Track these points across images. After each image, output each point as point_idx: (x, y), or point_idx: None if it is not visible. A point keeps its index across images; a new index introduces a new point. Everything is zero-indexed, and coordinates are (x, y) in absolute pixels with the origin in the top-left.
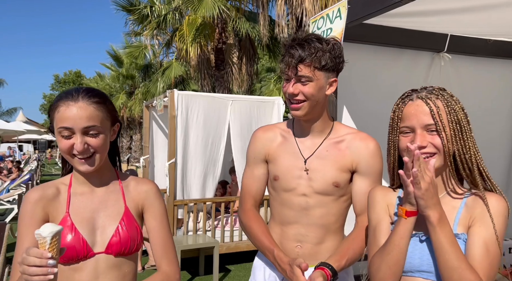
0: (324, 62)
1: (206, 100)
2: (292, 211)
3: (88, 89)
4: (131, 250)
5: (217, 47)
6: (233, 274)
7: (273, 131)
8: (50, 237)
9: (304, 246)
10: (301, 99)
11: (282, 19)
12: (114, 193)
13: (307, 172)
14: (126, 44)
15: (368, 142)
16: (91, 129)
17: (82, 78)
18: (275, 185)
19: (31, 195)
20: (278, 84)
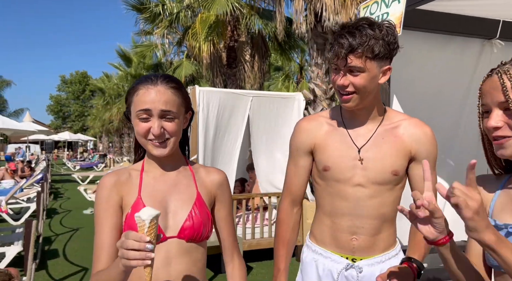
0: (377, 51)
1: (226, 96)
2: (345, 202)
3: (166, 75)
4: (202, 236)
5: (229, 45)
6: (256, 271)
7: (317, 120)
8: (149, 220)
9: (360, 238)
10: (351, 91)
11: (300, 14)
12: (186, 178)
13: (361, 161)
14: (134, 43)
15: (424, 128)
16: (168, 114)
17: (89, 79)
18: (325, 175)
19: (106, 180)
20: (286, 83)
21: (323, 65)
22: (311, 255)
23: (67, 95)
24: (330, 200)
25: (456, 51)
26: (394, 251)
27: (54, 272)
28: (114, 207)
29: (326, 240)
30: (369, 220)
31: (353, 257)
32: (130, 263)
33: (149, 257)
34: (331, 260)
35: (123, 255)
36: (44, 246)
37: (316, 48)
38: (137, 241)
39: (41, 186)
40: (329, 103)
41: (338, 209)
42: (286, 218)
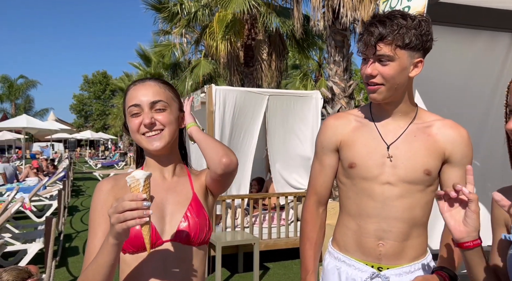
0: (408, 40)
1: (243, 95)
2: (372, 202)
3: (156, 77)
4: (200, 238)
5: (246, 44)
6: (273, 272)
7: (345, 117)
8: (143, 178)
9: (387, 244)
10: (379, 82)
11: (317, 11)
12: (182, 179)
13: (390, 159)
14: (154, 43)
15: (460, 130)
16: (158, 105)
17: (109, 79)
18: (351, 173)
19: (103, 185)
20: (304, 81)
21: (342, 62)
22: (333, 262)
23: (89, 94)
24: (356, 199)
25: (484, 46)
26: (425, 260)
27: (74, 269)
28: None
29: (350, 246)
30: (397, 223)
31: (379, 265)
32: (126, 223)
33: (146, 214)
34: (355, 268)
35: (118, 219)
36: (65, 243)
37: (335, 46)
38: (133, 200)
39: (62, 183)
40: (348, 101)
41: (364, 210)
42: (311, 218)
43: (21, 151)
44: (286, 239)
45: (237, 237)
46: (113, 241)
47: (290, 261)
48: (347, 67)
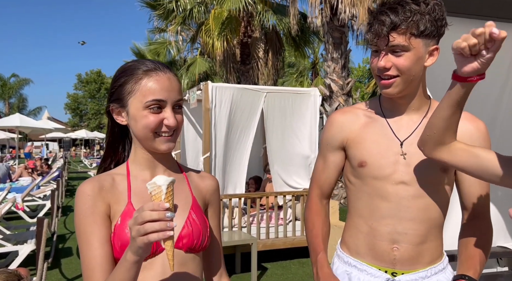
0: (423, 27)
1: (240, 92)
2: (386, 202)
3: (162, 62)
4: (202, 245)
5: (242, 41)
6: (271, 272)
7: (353, 112)
8: (166, 185)
9: (402, 248)
10: (394, 74)
11: (315, 7)
12: (179, 181)
13: (404, 156)
14: (149, 41)
15: (478, 123)
16: (179, 104)
17: (103, 77)
18: (361, 172)
19: (87, 188)
20: (300, 79)
21: (340, 60)
22: (343, 267)
23: (83, 93)
24: (367, 200)
25: None
26: (441, 265)
27: (67, 271)
28: (101, 216)
29: (361, 250)
30: (413, 225)
31: (393, 270)
32: (148, 237)
33: (170, 226)
34: (367, 274)
35: (139, 231)
36: (58, 244)
37: (332, 42)
38: (155, 209)
39: (56, 183)
40: (346, 99)
41: (376, 211)
42: (316, 206)
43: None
44: (284, 238)
45: (235, 237)
46: (133, 258)
47: (289, 261)
48: (345, 65)
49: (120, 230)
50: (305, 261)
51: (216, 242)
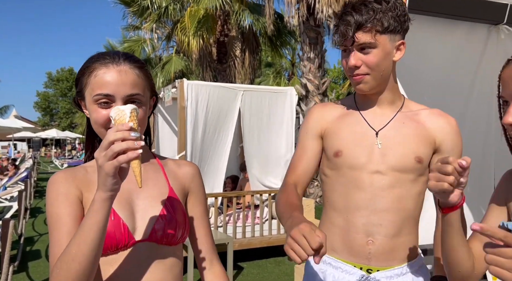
0: (387, 24)
1: (216, 90)
2: (361, 193)
3: (127, 53)
4: (178, 237)
5: (219, 40)
6: (247, 271)
7: (331, 106)
8: (129, 109)
9: (377, 241)
10: (364, 71)
11: (292, 7)
12: (153, 171)
13: (379, 145)
14: (123, 38)
15: (449, 118)
16: (134, 99)
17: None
18: (336, 162)
19: (60, 176)
20: (277, 79)
21: (316, 60)
22: (318, 265)
23: (54, 92)
24: (343, 191)
25: (462, 37)
26: (417, 262)
27: (35, 274)
28: (75, 201)
29: (336, 246)
30: (388, 215)
31: (369, 267)
32: (118, 159)
33: (138, 145)
34: (342, 271)
35: (106, 156)
36: (26, 246)
37: (309, 42)
38: (119, 130)
39: (24, 184)
40: (322, 99)
41: (352, 202)
42: (291, 190)
43: None
44: (260, 237)
45: None
46: (103, 195)
47: (265, 260)
48: (321, 65)
49: None
50: (281, 260)
51: (203, 230)
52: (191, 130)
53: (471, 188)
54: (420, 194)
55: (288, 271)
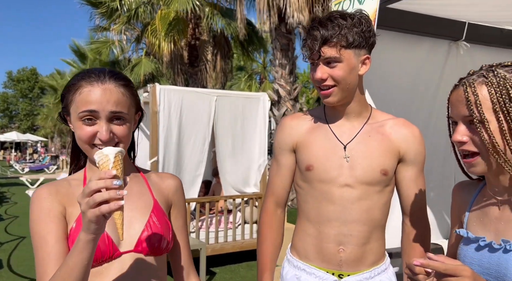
0: (352, 39)
1: (189, 95)
2: (332, 205)
3: (113, 71)
4: (163, 248)
5: (190, 44)
6: (219, 276)
7: (301, 118)
8: (113, 154)
9: (347, 249)
10: (331, 84)
11: (263, 13)
12: (138, 184)
13: (347, 159)
14: (90, 39)
15: (413, 128)
16: (118, 116)
17: (38, 76)
18: (308, 176)
19: (43, 191)
20: (248, 83)
21: (287, 65)
22: (293, 270)
23: (14, 92)
24: (314, 204)
25: (426, 51)
26: (384, 265)
27: None
28: (58, 217)
29: (310, 254)
30: (357, 226)
31: (340, 272)
32: (99, 209)
33: (120, 195)
34: (315, 277)
35: (88, 203)
36: None
37: (280, 49)
38: (101, 178)
39: None
40: (293, 104)
41: (323, 214)
42: (269, 219)
43: None
44: (233, 242)
45: None
46: (86, 237)
47: (237, 264)
48: (292, 70)
49: (75, 233)
50: (253, 264)
51: (182, 243)
52: (164, 135)
53: (434, 193)
54: (386, 203)
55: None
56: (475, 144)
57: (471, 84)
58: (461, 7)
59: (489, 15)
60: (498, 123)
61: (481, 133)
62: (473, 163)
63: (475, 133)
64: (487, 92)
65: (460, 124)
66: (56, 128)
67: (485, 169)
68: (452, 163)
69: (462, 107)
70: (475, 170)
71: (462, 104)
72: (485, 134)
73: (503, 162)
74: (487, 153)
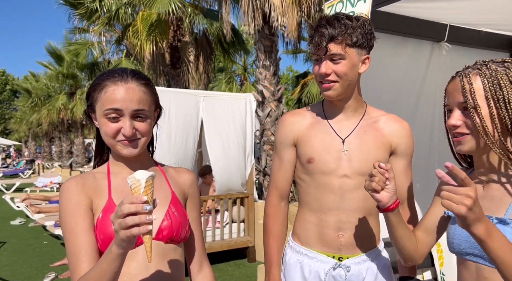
0: (356, 39)
1: (176, 96)
2: (332, 195)
3: (134, 71)
4: (181, 236)
5: (172, 45)
6: None
7: (301, 114)
8: (145, 179)
9: (346, 234)
10: (334, 79)
11: (247, 15)
12: (157, 177)
13: (345, 152)
14: (67, 41)
15: (403, 123)
16: (140, 113)
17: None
18: (309, 168)
19: (71, 185)
20: (229, 85)
21: (271, 67)
22: (295, 256)
23: None
24: (316, 194)
25: (411, 52)
26: (378, 249)
27: None
28: (85, 209)
29: (311, 240)
30: (355, 214)
31: (340, 255)
32: (131, 231)
33: (149, 220)
34: (317, 261)
35: (120, 225)
36: None
37: (264, 50)
38: (133, 202)
39: None
40: (277, 105)
41: (324, 203)
42: (274, 212)
43: None
44: (221, 241)
45: None
46: (117, 251)
47: (225, 263)
48: (275, 72)
49: (101, 224)
50: (241, 262)
51: (196, 233)
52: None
53: (420, 184)
54: None
55: (248, 273)
56: (468, 127)
57: (467, 75)
58: (443, 10)
59: (468, 18)
60: (488, 109)
61: (473, 117)
62: (461, 140)
63: (468, 118)
64: (481, 82)
65: (455, 111)
66: (30, 132)
67: (472, 147)
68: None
69: (458, 95)
70: (462, 148)
71: (458, 92)
72: (477, 119)
73: (491, 143)
74: (477, 134)
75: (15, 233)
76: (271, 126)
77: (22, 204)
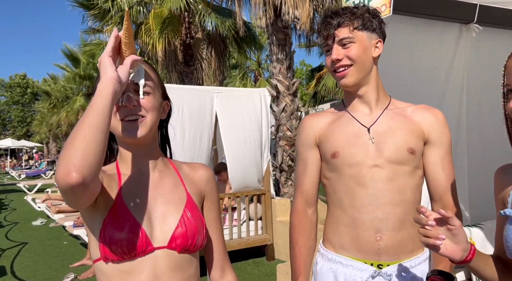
0: (363, 21)
1: (189, 93)
2: (364, 188)
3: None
4: (197, 245)
5: (185, 42)
6: None
7: (321, 114)
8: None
9: (385, 236)
10: (347, 63)
11: (259, 9)
12: (170, 177)
13: (372, 140)
14: (82, 42)
15: (435, 111)
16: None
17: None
18: (335, 163)
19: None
20: (244, 81)
21: (285, 61)
22: (328, 265)
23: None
24: (346, 190)
25: (437, 35)
26: (424, 255)
27: None
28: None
29: (345, 244)
30: (391, 208)
31: (379, 262)
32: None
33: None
34: (353, 269)
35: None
36: None
37: (277, 44)
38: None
39: None
40: (292, 99)
41: (357, 199)
42: (299, 221)
43: None
44: (239, 239)
45: None
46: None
47: (244, 261)
48: (290, 65)
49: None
50: (260, 261)
51: (216, 236)
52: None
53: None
54: (418, 186)
55: (267, 272)
56: None
57: None
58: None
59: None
60: None
61: None
62: None
63: None
64: None
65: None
66: (51, 134)
67: None
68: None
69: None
70: None
71: None
72: None
73: None
74: None
75: (36, 234)
76: (287, 122)
77: (43, 205)
